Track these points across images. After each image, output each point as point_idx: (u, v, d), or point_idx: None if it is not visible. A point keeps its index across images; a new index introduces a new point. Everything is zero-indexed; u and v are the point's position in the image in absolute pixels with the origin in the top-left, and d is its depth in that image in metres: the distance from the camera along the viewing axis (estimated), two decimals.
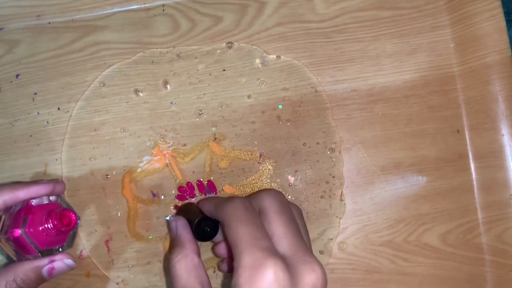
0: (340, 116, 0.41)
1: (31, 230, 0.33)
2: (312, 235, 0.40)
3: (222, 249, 0.37)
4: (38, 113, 0.43)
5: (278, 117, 0.41)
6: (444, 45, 0.41)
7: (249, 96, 0.42)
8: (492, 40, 0.40)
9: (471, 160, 0.41)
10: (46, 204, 0.35)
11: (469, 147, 0.41)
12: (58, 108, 0.43)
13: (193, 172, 0.42)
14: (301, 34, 0.42)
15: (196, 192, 0.41)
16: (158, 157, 0.42)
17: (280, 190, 0.41)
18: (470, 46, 0.40)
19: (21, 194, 0.35)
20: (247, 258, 0.27)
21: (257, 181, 0.41)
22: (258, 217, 0.30)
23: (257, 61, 0.42)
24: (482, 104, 0.40)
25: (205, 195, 0.41)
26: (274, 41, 0.42)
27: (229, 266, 0.37)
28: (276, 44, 0.42)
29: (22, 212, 0.33)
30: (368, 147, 0.41)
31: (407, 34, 0.42)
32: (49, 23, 0.44)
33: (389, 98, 0.41)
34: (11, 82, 0.44)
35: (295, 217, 0.31)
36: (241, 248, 0.27)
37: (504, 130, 0.39)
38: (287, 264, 0.27)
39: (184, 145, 0.42)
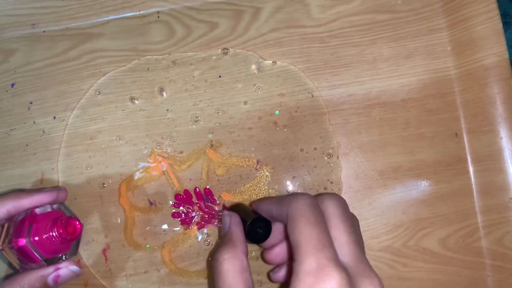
0: (337, 121, 0.41)
1: (36, 239, 0.33)
2: None
3: (275, 254, 0.35)
4: (34, 122, 0.43)
5: (275, 123, 0.41)
6: (441, 48, 0.41)
7: (245, 102, 0.41)
8: (489, 43, 0.39)
9: (469, 164, 0.40)
10: (50, 212, 0.35)
11: (467, 151, 0.40)
12: (54, 117, 0.43)
13: (190, 179, 0.41)
14: (297, 39, 0.42)
15: (194, 199, 0.41)
16: (155, 165, 0.41)
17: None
18: (467, 49, 0.40)
19: (25, 203, 0.34)
20: (311, 263, 0.25)
21: (255, 187, 0.41)
22: (324, 219, 0.28)
23: (253, 67, 0.42)
24: (480, 107, 0.40)
25: (203, 202, 0.41)
26: (270, 47, 0.42)
27: (288, 272, 0.35)
28: (272, 49, 0.42)
29: (26, 221, 0.33)
30: (366, 151, 0.41)
31: (403, 38, 0.41)
32: (44, 31, 0.44)
33: (386, 102, 0.41)
34: (7, 91, 0.44)
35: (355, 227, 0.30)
36: (306, 251, 0.26)
37: (503, 133, 0.39)
38: (350, 276, 0.26)
39: (181, 152, 0.42)
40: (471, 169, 0.40)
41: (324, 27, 0.42)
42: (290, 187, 0.41)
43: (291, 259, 0.28)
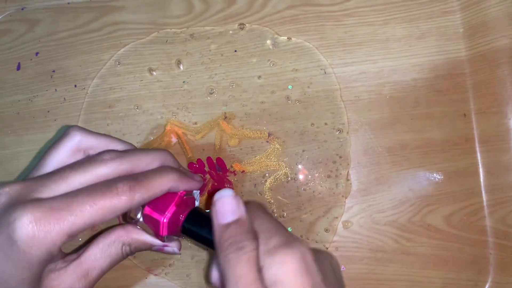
0: (349, 97, 0.42)
1: (171, 222, 0.32)
2: (317, 213, 0.41)
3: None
4: (55, 89, 0.45)
5: (288, 97, 0.42)
6: (454, 30, 0.42)
7: (259, 77, 0.43)
8: (501, 25, 0.40)
9: (477, 144, 0.41)
10: (187, 198, 0.34)
11: (475, 131, 0.41)
12: (75, 85, 0.45)
13: (203, 149, 0.43)
14: (312, 17, 0.43)
15: (206, 168, 0.42)
16: (170, 134, 0.43)
17: (287, 169, 0.42)
18: (479, 31, 0.41)
19: (182, 187, 0.33)
20: None
21: (265, 159, 0.42)
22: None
23: (268, 42, 0.43)
24: (490, 88, 0.40)
25: (215, 172, 0.42)
26: (285, 23, 0.43)
27: None
28: (287, 26, 0.43)
29: (174, 202, 0.32)
30: (375, 128, 0.42)
31: (417, 19, 0.42)
32: (69, 3, 0.46)
33: (397, 81, 0.42)
34: (31, 59, 0.46)
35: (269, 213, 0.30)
36: None
37: (511, 114, 0.40)
38: None
39: (195, 123, 0.43)
40: (478, 149, 0.41)
41: (339, 6, 0.43)
42: (301, 166, 0.42)
43: None
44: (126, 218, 0.34)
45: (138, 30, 0.44)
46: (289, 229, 0.42)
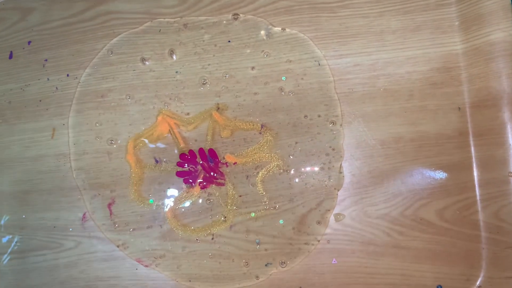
0: (342, 90, 0.42)
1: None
2: (309, 205, 0.41)
3: None
4: (48, 79, 0.45)
5: (281, 89, 0.42)
6: (449, 23, 0.42)
7: (252, 68, 0.42)
8: (497, 18, 0.40)
9: (471, 137, 0.41)
10: None
11: (469, 125, 0.41)
12: (68, 75, 0.44)
13: (196, 140, 0.42)
14: (307, 8, 0.43)
15: (198, 159, 0.42)
16: (162, 124, 0.43)
17: (279, 161, 0.41)
18: (474, 24, 0.40)
19: None
20: None
21: (258, 151, 0.42)
22: None
23: (262, 33, 0.43)
24: (485, 81, 0.40)
25: (207, 163, 0.42)
26: (280, 14, 0.43)
27: None
28: (282, 17, 0.43)
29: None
30: (368, 121, 0.41)
31: (412, 11, 0.42)
32: None
33: (392, 74, 0.41)
34: (23, 48, 0.45)
35: None
36: None
37: (505, 108, 0.39)
38: None
39: (188, 113, 0.43)
40: (472, 142, 0.41)
41: None
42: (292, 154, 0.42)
43: None
44: None
45: (131, 19, 0.44)
46: (281, 221, 0.41)
